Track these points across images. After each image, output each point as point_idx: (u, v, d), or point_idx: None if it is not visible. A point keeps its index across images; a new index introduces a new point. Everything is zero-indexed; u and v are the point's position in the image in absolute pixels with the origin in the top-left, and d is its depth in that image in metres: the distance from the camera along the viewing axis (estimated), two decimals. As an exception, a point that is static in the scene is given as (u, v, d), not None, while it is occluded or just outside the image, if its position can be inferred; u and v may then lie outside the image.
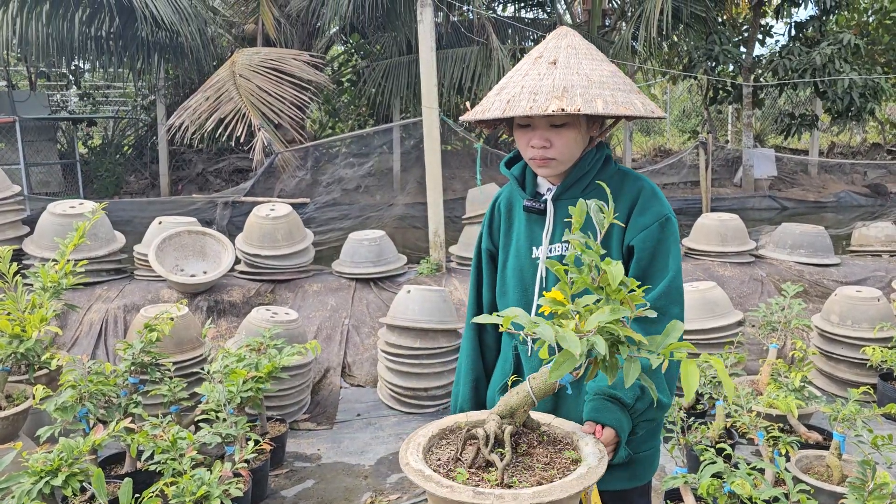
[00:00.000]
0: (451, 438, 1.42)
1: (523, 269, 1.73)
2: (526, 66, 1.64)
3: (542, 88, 1.54)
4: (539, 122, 1.62)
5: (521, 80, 1.59)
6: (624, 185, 1.71)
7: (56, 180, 11.72)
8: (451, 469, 1.29)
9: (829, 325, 4.65)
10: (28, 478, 2.39)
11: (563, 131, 1.62)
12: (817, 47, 11.44)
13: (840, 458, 3.10)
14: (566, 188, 1.71)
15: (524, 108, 1.53)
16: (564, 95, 1.51)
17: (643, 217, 1.66)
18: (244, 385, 3.36)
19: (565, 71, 1.57)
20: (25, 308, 3.34)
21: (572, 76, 1.56)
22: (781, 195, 12.95)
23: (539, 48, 1.68)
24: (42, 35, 9.93)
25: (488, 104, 1.61)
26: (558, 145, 1.63)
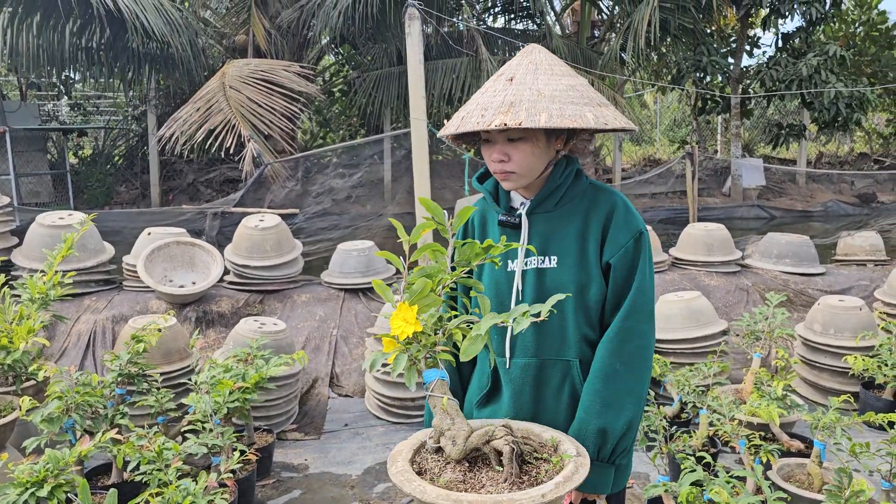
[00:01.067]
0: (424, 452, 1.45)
1: (499, 282, 1.75)
2: (489, 83, 1.70)
3: (492, 104, 1.60)
4: (497, 137, 1.67)
5: (479, 97, 1.65)
6: (597, 199, 1.74)
7: (46, 191, 11.72)
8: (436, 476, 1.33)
9: (813, 333, 4.70)
10: (14, 489, 2.40)
11: (520, 145, 1.66)
12: (804, 58, 11.57)
13: (821, 466, 3.14)
14: (539, 202, 1.74)
15: (472, 124, 1.59)
16: (510, 110, 1.56)
17: (620, 234, 1.69)
18: (231, 396, 3.38)
19: (518, 87, 1.62)
20: (13, 319, 3.36)
21: (523, 91, 1.61)
22: (769, 204, 13.05)
23: (505, 66, 1.74)
24: (33, 46, 9.94)
25: (452, 121, 1.68)
26: (516, 159, 1.66)
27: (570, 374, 1.70)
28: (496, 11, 13.77)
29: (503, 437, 1.34)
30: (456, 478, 1.31)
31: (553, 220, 1.73)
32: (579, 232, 1.71)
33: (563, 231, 1.71)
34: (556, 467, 1.34)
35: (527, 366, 1.71)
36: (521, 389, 1.72)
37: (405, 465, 1.34)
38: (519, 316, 1.30)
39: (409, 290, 1.34)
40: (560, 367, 1.70)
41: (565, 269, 1.69)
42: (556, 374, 1.71)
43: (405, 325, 1.30)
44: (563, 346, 1.70)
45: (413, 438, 1.46)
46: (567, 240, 1.70)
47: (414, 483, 1.26)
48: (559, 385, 1.71)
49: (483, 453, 1.37)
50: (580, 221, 1.72)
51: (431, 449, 1.41)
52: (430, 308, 1.35)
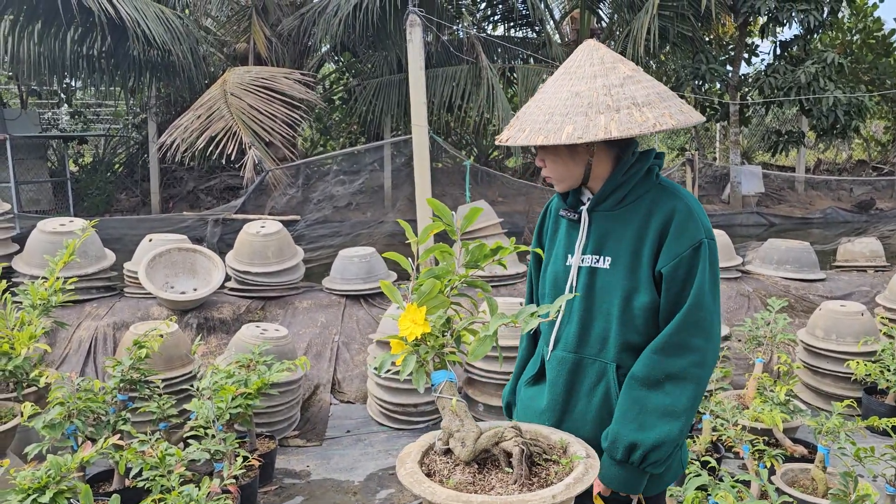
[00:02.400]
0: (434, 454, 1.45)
1: (558, 274, 1.78)
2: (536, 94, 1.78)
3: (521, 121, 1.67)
4: (539, 148, 1.73)
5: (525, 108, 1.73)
6: (659, 201, 1.67)
7: (46, 198, 11.72)
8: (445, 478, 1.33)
9: (814, 339, 4.70)
10: (15, 495, 2.39)
11: (551, 155, 1.72)
12: (802, 66, 11.61)
13: (825, 471, 3.13)
14: (599, 201, 1.72)
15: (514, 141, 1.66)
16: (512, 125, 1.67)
17: (676, 243, 1.62)
18: (233, 401, 3.37)
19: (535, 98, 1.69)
20: (14, 325, 3.35)
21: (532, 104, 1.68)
22: (768, 211, 13.07)
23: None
24: (34, 53, 9.96)
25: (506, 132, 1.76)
26: (549, 166, 1.74)
27: (605, 376, 1.69)
28: (496, 19, 13.82)
29: (512, 438, 1.34)
30: (465, 479, 1.30)
31: (613, 219, 1.70)
32: (636, 235, 1.66)
33: (621, 232, 1.68)
34: (566, 469, 1.34)
35: (563, 360, 1.74)
36: (555, 381, 1.76)
37: (414, 466, 1.34)
38: (527, 316, 1.30)
39: (417, 291, 1.34)
40: (597, 368, 1.70)
41: (615, 272, 1.67)
42: (592, 374, 1.71)
43: (414, 327, 1.30)
44: (604, 348, 1.69)
45: (422, 440, 1.46)
46: (623, 242, 1.67)
47: (424, 485, 1.26)
48: (593, 385, 1.71)
49: (492, 455, 1.37)
50: (639, 224, 1.67)
51: (440, 451, 1.40)
52: (438, 309, 1.35)
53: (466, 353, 1.35)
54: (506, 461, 1.34)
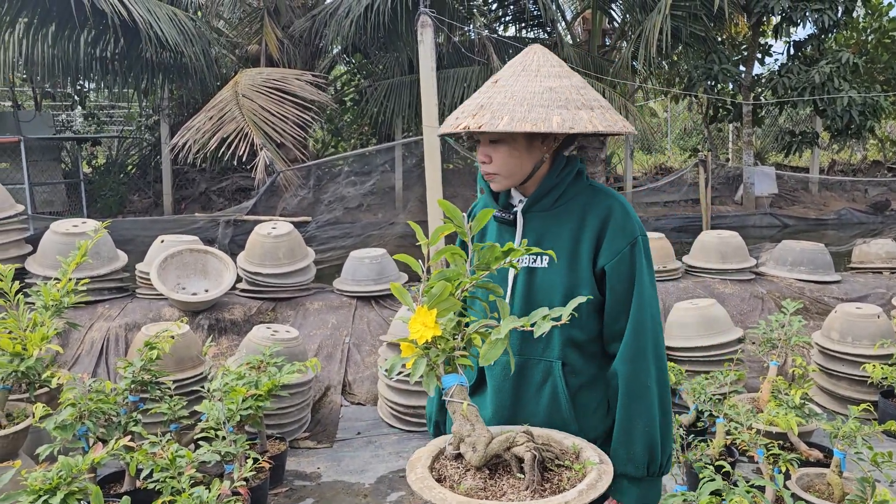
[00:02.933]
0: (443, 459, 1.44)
1: (493, 277, 1.72)
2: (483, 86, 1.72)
3: (468, 107, 1.62)
4: (483, 139, 1.69)
5: (471, 98, 1.68)
6: (594, 200, 1.71)
7: (60, 199, 11.79)
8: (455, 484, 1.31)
9: (830, 341, 4.65)
10: (27, 496, 2.40)
11: (499, 147, 1.67)
12: (816, 66, 11.51)
13: (841, 476, 3.09)
14: (535, 200, 1.73)
15: (448, 126, 1.64)
16: (478, 113, 1.58)
17: (616, 240, 1.66)
18: (244, 403, 3.36)
19: (498, 89, 1.63)
20: (27, 326, 3.36)
21: (497, 95, 1.62)
22: (782, 212, 12.97)
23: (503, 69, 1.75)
24: (48, 56, 10.03)
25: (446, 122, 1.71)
26: (496, 161, 1.68)
27: (552, 375, 1.69)
28: (507, 20, 13.80)
29: (524, 443, 1.32)
30: (476, 485, 1.29)
31: (548, 219, 1.72)
32: (573, 233, 1.69)
33: (557, 231, 1.70)
34: (579, 475, 1.32)
35: (508, 363, 1.66)
36: (501, 386, 1.73)
37: (424, 471, 1.32)
38: (540, 319, 1.28)
39: (427, 293, 1.33)
40: (542, 367, 1.69)
41: (554, 271, 1.67)
42: (537, 374, 1.70)
43: (424, 330, 1.28)
44: (548, 347, 1.69)
45: (432, 445, 1.44)
46: (560, 241, 1.68)
47: (434, 490, 1.24)
48: (540, 385, 1.70)
49: (504, 460, 1.35)
50: (575, 223, 1.70)
51: (451, 455, 1.38)
52: (449, 312, 1.33)
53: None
54: (517, 466, 1.32)
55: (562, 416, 1.68)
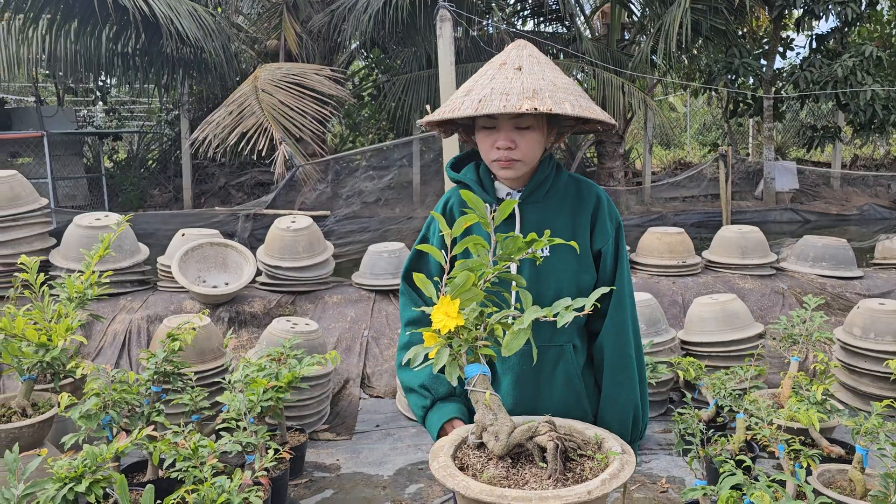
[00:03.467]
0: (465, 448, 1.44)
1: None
2: (491, 71, 1.69)
3: (512, 90, 1.59)
4: (505, 123, 1.67)
5: (488, 83, 1.64)
6: (581, 190, 1.80)
7: (82, 194, 11.94)
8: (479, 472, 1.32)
9: (852, 337, 4.60)
10: (52, 484, 2.44)
11: (528, 133, 1.68)
12: (839, 59, 11.37)
13: (863, 472, 3.06)
14: (531, 191, 1.76)
15: (497, 107, 1.57)
16: (535, 96, 1.56)
17: (607, 224, 1.78)
18: (264, 395, 3.39)
19: (531, 76, 1.62)
20: (52, 318, 3.41)
21: (539, 81, 1.62)
22: (803, 208, 12.83)
23: (501, 56, 1.74)
24: (70, 52, 10.15)
25: (457, 104, 1.65)
26: (523, 147, 1.67)
27: (562, 359, 1.75)
28: (526, 14, 13.76)
29: (547, 433, 1.32)
30: (499, 474, 1.29)
31: (542, 210, 1.76)
32: (569, 221, 1.76)
33: (553, 220, 1.75)
34: (601, 464, 1.32)
35: (525, 353, 1.69)
36: (521, 376, 1.75)
37: (447, 460, 1.33)
38: (562, 310, 1.28)
39: (450, 283, 1.33)
40: (553, 352, 1.74)
41: (559, 257, 1.73)
42: (550, 359, 1.74)
43: (447, 319, 1.29)
44: (557, 331, 1.72)
45: (454, 434, 1.45)
46: (559, 228, 1.74)
47: (457, 478, 1.25)
48: (552, 369, 1.75)
49: (526, 450, 1.35)
50: (568, 211, 1.77)
51: (473, 444, 1.39)
52: (471, 302, 1.34)
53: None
54: (540, 456, 1.33)
55: (577, 397, 1.76)
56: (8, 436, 3.11)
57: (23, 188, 5.24)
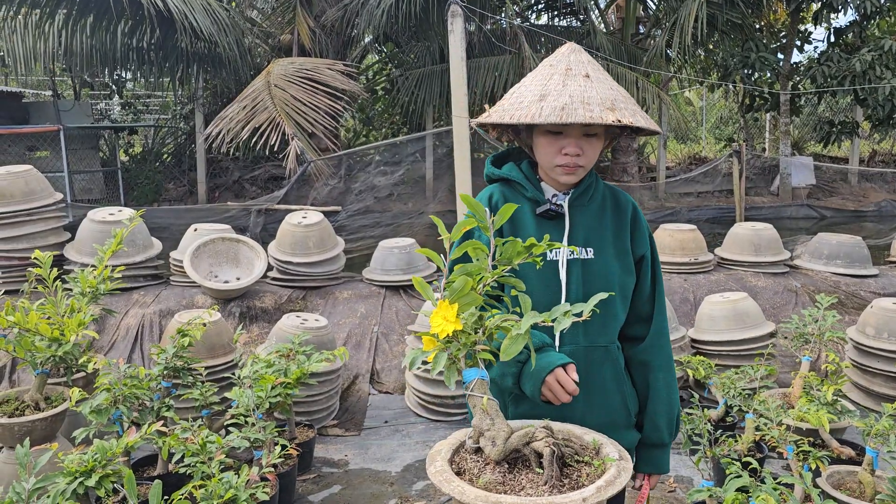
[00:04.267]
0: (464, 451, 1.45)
1: (543, 270, 1.76)
2: (557, 77, 1.68)
3: (592, 100, 1.62)
4: (574, 131, 1.68)
5: (562, 89, 1.64)
6: (618, 196, 1.86)
7: (98, 187, 12.04)
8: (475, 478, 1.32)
9: (865, 337, 4.55)
10: (63, 478, 2.47)
11: (594, 140, 1.72)
12: (857, 53, 11.23)
13: (873, 474, 3.04)
14: (578, 195, 1.80)
15: (583, 117, 1.58)
16: (615, 108, 1.61)
17: (643, 230, 1.84)
18: (273, 390, 3.41)
19: (601, 86, 1.66)
20: (64, 312, 3.44)
21: (610, 91, 1.66)
22: (819, 204, 12.70)
23: (562, 60, 1.72)
24: (86, 46, 10.23)
25: (533, 111, 1.63)
26: (589, 154, 1.71)
27: (609, 358, 1.79)
28: (539, 8, 13.69)
29: (544, 438, 1.32)
30: (495, 479, 1.29)
31: (586, 212, 1.80)
32: (612, 226, 1.81)
33: (597, 223, 1.79)
34: (598, 471, 1.32)
35: (574, 353, 1.74)
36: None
37: (444, 464, 1.33)
38: (560, 316, 1.28)
39: (449, 287, 1.33)
40: (600, 352, 1.77)
41: (603, 261, 1.77)
42: (598, 359, 1.78)
43: (445, 324, 1.29)
44: (604, 332, 1.78)
45: (452, 438, 1.45)
46: (604, 233, 1.78)
47: (453, 483, 1.25)
48: (599, 369, 1.78)
49: (523, 455, 1.36)
50: (610, 216, 1.82)
51: (471, 449, 1.40)
52: (470, 307, 1.34)
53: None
54: (536, 461, 1.33)
55: (623, 397, 1.81)
56: (21, 429, 3.16)
57: (38, 183, 5.30)
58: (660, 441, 1.84)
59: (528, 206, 1.79)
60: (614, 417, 1.80)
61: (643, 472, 1.88)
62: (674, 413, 1.86)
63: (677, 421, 1.87)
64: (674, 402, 1.85)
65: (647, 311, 1.83)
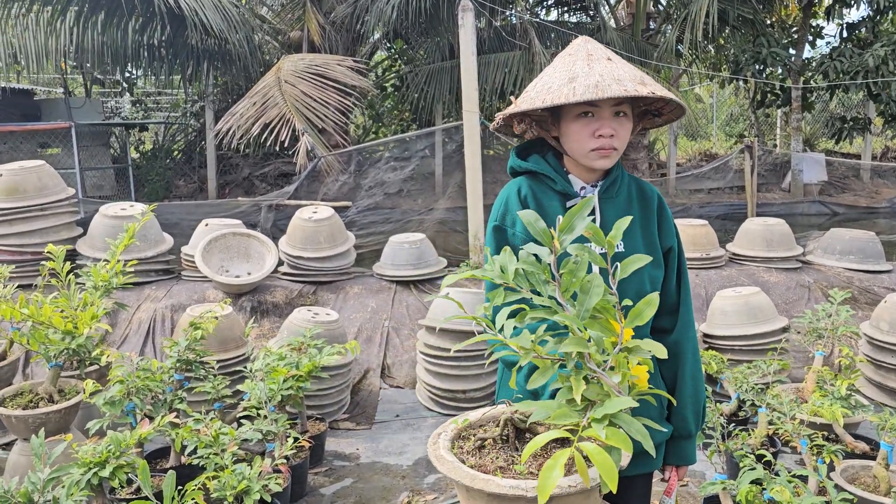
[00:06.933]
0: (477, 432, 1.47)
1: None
2: (581, 62, 1.65)
3: (622, 77, 1.59)
4: (605, 112, 1.65)
5: (588, 70, 1.61)
6: (643, 188, 1.83)
7: (109, 184, 12.09)
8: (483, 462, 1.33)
9: (879, 332, 4.52)
10: (77, 469, 2.49)
11: (624, 121, 1.68)
12: (870, 48, 11.13)
13: (887, 469, 3.02)
14: (607, 186, 1.75)
15: (618, 91, 1.55)
16: (645, 83, 1.58)
17: (669, 222, 1.82)
18: (285, 383, 3.43)
19: (625, 66, 1.64)
20: (78, 306, 3.47)
21: (635, 71, 1.64)
22: (831, 200, 12.61)
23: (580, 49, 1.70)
24: (97, 43, 10.27)
25: (567, 91, 1.59)
26: (621, 135, 1.67)
27: None
28: (549, 4, 13.64)
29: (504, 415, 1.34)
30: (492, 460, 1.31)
31: (617, 206, 1.76)
32: (640, 218, 1.77)
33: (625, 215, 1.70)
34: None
35: None
36: None
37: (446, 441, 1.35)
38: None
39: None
40: None
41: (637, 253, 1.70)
42: None
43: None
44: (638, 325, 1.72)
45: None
46: (633, 225, 1.74)
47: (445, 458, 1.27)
48: None
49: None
50: (638, 208, 1.78)
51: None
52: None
53: None
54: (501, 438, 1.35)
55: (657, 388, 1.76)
56: (35, 421, 3.18)
57: (50, 178, 5.33)
58: (686, 432, 1.83)
59: (557, 199, 1.75)
60: (648, 410, 1.75)
61: (671, 463, 1.86)
62: (700, 404, 1.85)
63: (703, 412, 1.87)
64: (700, 393, 1.84)
65: (674, 302, 1.82)
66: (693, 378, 1.82)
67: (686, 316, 1.82)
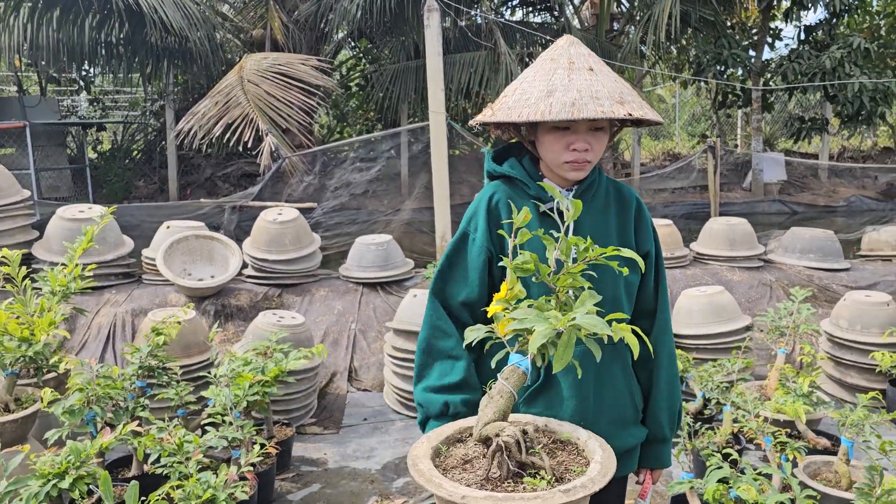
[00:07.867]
0: (458, 446, 1.43)
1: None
2: (561, 71, 1.64)
3: (600, 94, 1.58)
4: (581, 126, 1.65)
5: (568, 83, 1.60)
6: (621, 192, 1.82)
7: (66, 185, 11.79)
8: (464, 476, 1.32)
9: (839, 329, 4.62)
10: (36, 480, 2.41)
11: (600, 135, 1.68)
12: (827, 51, 11.40)
13: (848, 464, 3.07)
14: (582, 191, 1.75)
15: (594, 112, 1.55)
16: (623, 102, 1.57)
17: (647, 226, 1.81)
18: (250, 389, 3.37)
19: (606, 79, 1.62)
20: (34, 312, 3.36)
21: (615, 84, 1.62)
22: (791, 199, 12.88)
23: (562, 54, 1.68)
24: (52, 40, 10.00)
25: (542, 107, 1.58)
26: (596, 149, 1.67)
27: (618, 355, 1.76)
28: (514, 4, 13.69)
29: (509, 431, 1.31)
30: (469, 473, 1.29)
31: (592, 210, 1.76)
32: (618, 221, 1.78)
33: (601, 219, 1.76)
34: (562, 466, 1.33)
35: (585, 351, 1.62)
36: (584, 379, 1.70)
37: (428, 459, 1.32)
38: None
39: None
40: (610, 350, 1.72)
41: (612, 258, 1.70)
42: (607, 356, 1.72)
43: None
44: None
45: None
46: (608, 229, 1.75)
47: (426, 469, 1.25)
48: (609, 366, 1.75)
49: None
50: (614, 212, 1.78)
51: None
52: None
53: None
54: (506, 453, 1.32)
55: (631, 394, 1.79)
56: (-10, 432, 3.07)
57: (4, 179, 5.17)
58: (661, 436, 1.83)
59: (530, 204, 1.74)
60: (624, 414, 1.78)
61: (645, 466, 1.86)
62: (675, 409, 1.85)
63: (679, 416, 1.87)
64: (675, 397, 1.84)
65: (651, 306, 1.82)
66: (668, 383, 1.82)
67: (663, 320, 1.82)
